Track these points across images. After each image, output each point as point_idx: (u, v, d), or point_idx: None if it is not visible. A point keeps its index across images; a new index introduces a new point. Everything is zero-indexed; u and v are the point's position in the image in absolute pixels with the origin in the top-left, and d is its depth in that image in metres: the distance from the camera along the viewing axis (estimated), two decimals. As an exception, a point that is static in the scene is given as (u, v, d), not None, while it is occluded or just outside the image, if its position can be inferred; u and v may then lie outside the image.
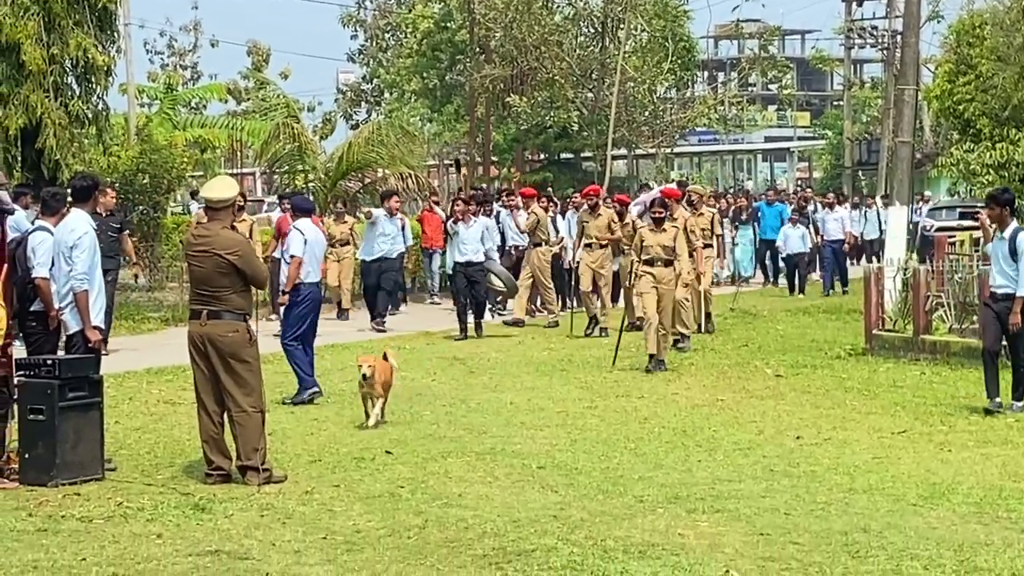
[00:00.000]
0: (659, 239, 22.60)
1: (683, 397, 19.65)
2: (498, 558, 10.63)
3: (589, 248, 28.29)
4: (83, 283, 14.69)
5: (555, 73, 55.59)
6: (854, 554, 10.72)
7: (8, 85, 29.19)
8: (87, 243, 14.80)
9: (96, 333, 14.82)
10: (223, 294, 14.09)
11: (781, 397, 19.75)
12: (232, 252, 14.10)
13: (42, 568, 10.42)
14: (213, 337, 14.08)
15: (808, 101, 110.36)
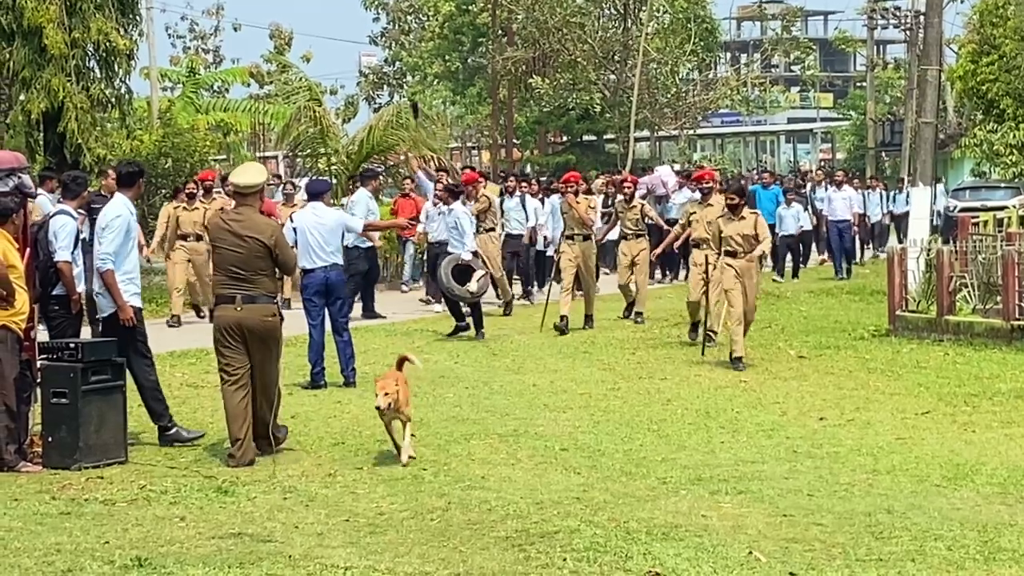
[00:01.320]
0: (738, 228, 20.80)
1: (706, 378, 19.63)
2: (521, 540, 10.63)
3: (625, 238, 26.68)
4: (106, 262, 14.81)
5: (577, 55, 55.65)
6: (877, 535, 10.70)
7: (30, 69, 29.22)
8: (118, 225, 14.92)
9: (129, 311, 14.91)
10: (257, 278, 14.26)
11: (804, 378, 19.72)
12: (269, 236, 14.30)
13: (65, 551, 10.43)
14: (250, 321, 14.23)
15: (831, 82, 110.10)
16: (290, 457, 14.08)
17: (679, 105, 58.58)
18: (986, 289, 23.75)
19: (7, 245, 13.80)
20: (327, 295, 19.02)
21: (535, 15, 55.96)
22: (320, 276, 18.85)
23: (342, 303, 19.43)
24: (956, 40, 55.25)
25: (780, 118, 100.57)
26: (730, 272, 20.69)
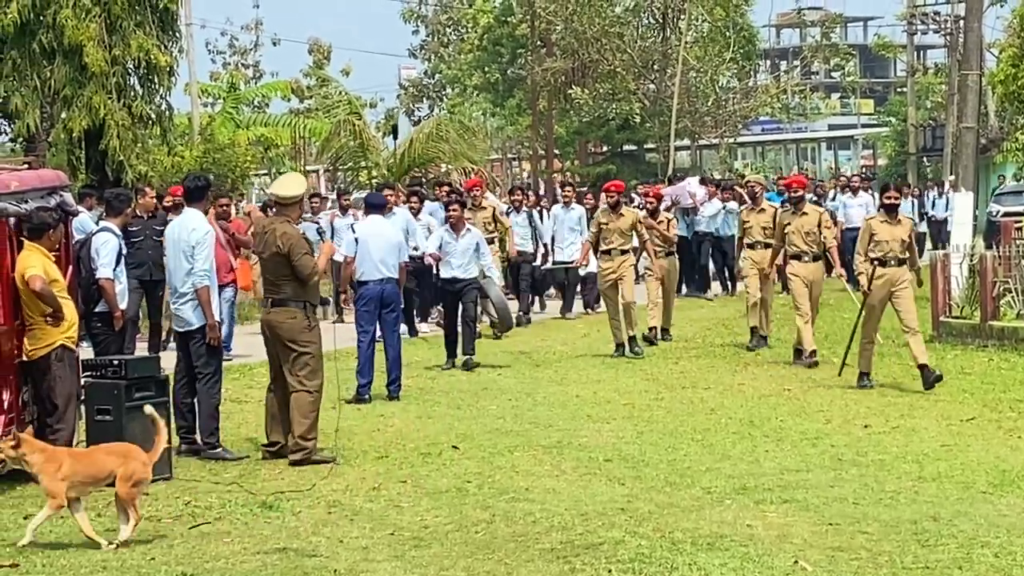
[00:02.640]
0: (895, 233, 19.18)
1: (749, 387, 19.61)
2: (566, 552, 10.63)
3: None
4: (204, 279, 15.00)
5: (616, 65, 55.60)
6: (924, 543, 10.67)
7: (71, 87, 29.37)
8: (209, 241, 15.18)
9: (217, 330, 15.15)
10: (283, 283, 14.88)
11: (848, 386, 19.67)
12: (283, 245, 14.71)
13: (111, 568, 10.48)
14: (274, 323, 14.92)
15: (871, 88, 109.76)
16: (334, 471, 14.09)
17: (719, 113, 58.46)
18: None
19: (46, 260, 13.85)
20: (381, 307, 19.15)
21: (574, 26, 55.92)
22: (376, 289, 19.07)
23: (396, 316, 19.64)
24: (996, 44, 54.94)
25: (821, 125, 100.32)
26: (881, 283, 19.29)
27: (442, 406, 18.40)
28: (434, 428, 16.62)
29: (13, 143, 34.81)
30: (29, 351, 13.84)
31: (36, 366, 13.87)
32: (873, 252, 19.08)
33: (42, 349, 13.80)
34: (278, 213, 15.28)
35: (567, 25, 56.33)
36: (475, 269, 22.09)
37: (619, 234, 22.99)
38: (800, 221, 21.60)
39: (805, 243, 21.54)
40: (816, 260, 21.58)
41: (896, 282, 19.18)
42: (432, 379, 21.03)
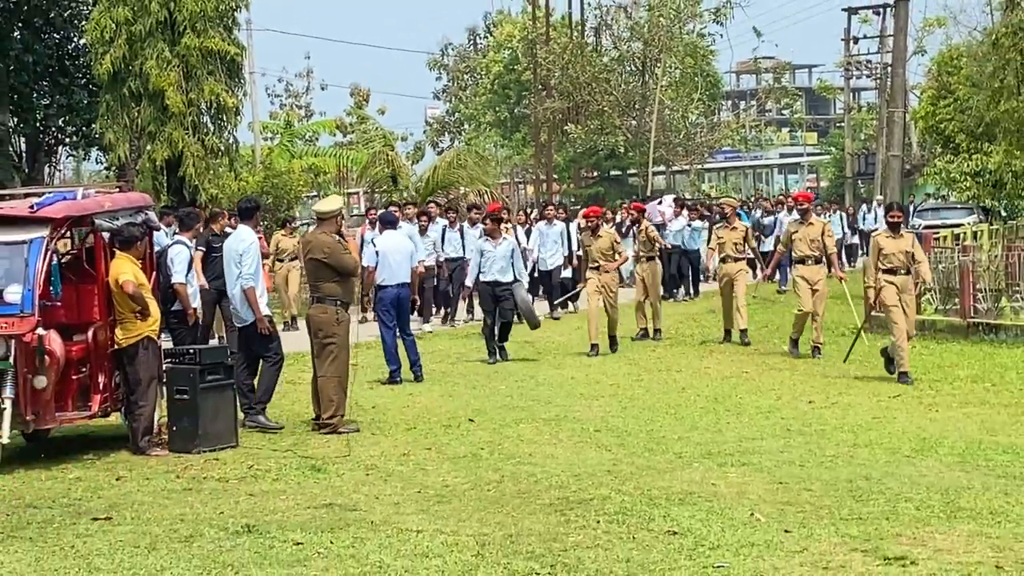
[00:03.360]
0: (899, 245, 18.30)
1: (714, 370, 19.59)
2: (562, 506, 10.62)
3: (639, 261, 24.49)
4: (249, 281, 15.08)
5: (604, 105, 55.70)
6: (857, 498, 10.65)
7: (155, 125, 29.49)
8: (253, 250, 15.24)
9: (265, 322, 15.18)
10: (322, 285, 15.07)
11: (795, 369, 19.67)
12: (323, 252, 14.97)
13: (188, 520, 10.48)
14: (312, 316, 15.17)
15: (815, 123, 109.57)
16: (371, 440, 14.11)
17: (689, 144, 58.50)
18: (946, 292, 23.69)
19: (135, 267, 13.95)
20: (398, 307, 19.16)
21: (569, 72, 56.03)
22: (393, 292, 19.12)
23: (407, 313, 19.62)
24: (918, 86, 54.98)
25: (773, 154, 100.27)
26: (891, 289, 18.21)
27: (460, 386, 18.40)
28: (454, 404, 16.62)
29: (107, 171, 34.99)
30: (120, 340, 13.90)
31: (126, 353, 13.93)
32: (882, 264, 18.30)
33: (131, 339, 13.86)
34: (319, 226, 15.37)
35: (563, 72, 56.44)
36: (512, 274, 21.21)
37: (600, 253, 22.06)
38: (806, 230, 21.05)
39: (810, 249, 20.92)
40: (818, 263, 20.96)
41: (904, 289, 18.32)
42: (452, 365, 21.02)
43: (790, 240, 21.45)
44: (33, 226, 13.32)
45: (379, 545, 9.50)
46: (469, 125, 78.15)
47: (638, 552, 9.13)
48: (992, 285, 23.22)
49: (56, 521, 10.64)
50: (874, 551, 8.98)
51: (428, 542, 9.54)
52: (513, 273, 21.26)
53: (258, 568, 8.97)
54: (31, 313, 12.88)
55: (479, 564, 8.93)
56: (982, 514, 10.03)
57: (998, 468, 11.92)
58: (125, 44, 29.52)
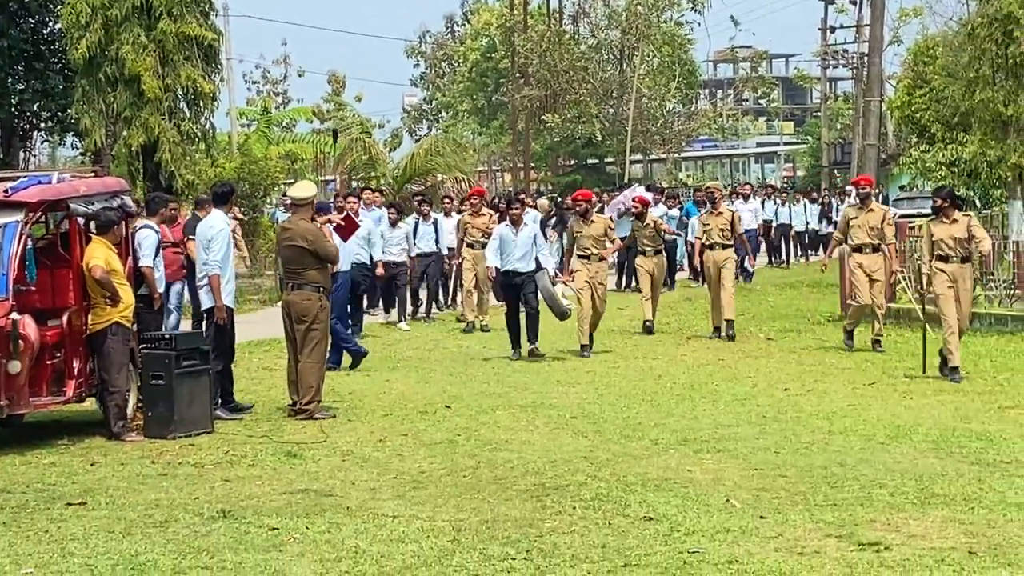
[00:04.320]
0: (951, 231, 17.04)
1: (690, 357, 19.61)
2: (538, 492, 10.63)
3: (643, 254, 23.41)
4: (214, 268, 14.97)
5: (582, 93, 55.75)
6: (832, 484, 10.69)
7: (131, 110, 29.33)
8: (221, 237, 15.08)
9: (223, 312, 15.01)
10: (302, 271, 14.95)
11: (771, 356, 19.71)
12: (307, 237, 14.88)
13: (163, 506, 10.47)
14: (293, 302, 14.98)
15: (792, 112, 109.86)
16: (347, 426, 14.11)
17: (666, 133, 58.62)
18: (920, 281, 23.69)
19: (109, 252, 13.94)
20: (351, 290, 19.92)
21: (547, 60, 56.07)
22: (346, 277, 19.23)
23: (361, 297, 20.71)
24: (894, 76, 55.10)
25: (750, 143, 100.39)
26: (942, 276, 17.04)
27: (437, 373, 18.39)
28: (430, 391, 16.62)
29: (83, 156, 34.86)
30: (90, 326, 13.90)
31: (95, 338, 13.93)
32: (935, 251, 17.10)
33: (100, 324, 13.86)
34: (295, 212, 15.29)
35: (541, 60, 56.45)
36: (533, 263, 19.55)
37: (592, 240, 20.26)
38: (865, 217, 19.85)
39: (869, 237, 19.77)
40: (876, 252, 19.80)
41: (957, 277, 17.07)
42: (429, 351, 21.01)
43: (847, 226, 20.24)
44: (7, 210, 13.32)
45: (355, 531, 9.50)
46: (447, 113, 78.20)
47: (614, 538, 9.14)
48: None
49: (30, 506, 10.62)
50: (848, 537, 9.02)
51: (404, 528, 9.55)
52: (536, 261, 19.65)
53: (233, 553, 8.96)
54: (5, 298, 12.89)
55: (455, 549, 8.94)
56: (955, 500, 10.06)
57: (971, 455, 11.96)
58: (101, 29, 29.40)
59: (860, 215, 19.88)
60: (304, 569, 8.54)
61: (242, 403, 15.32)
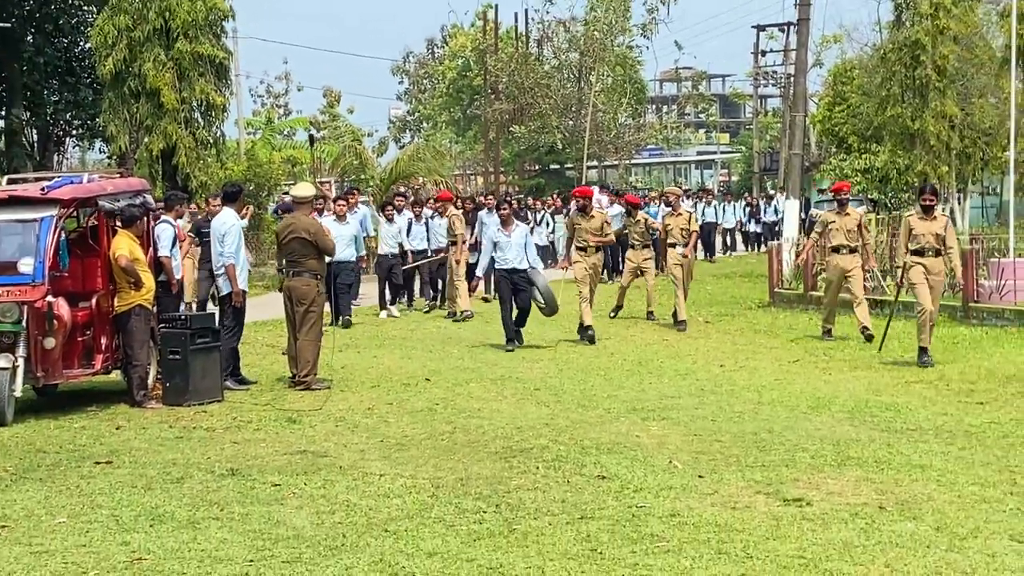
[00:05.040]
0: (930, 228, 16.34)
1: (639, 338, 19.64)
2: (506, 454, 10.64)
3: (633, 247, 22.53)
4: (230, 259, 14.97)
5: (545, 108, 55.66)
6: (761, 448, 10.72)
7: (152, 119, 29.32)
8: (234, 231, 15.10)
9: (240, 296, 15.03)
10: (303, 260, 14.90)
11: (709, 337, 19.76)
12: (309, 230, 14.86)
13: (179, 464, 10.44)
14: (294, 287, 14.91)
15: (727, 125, 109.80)
16: (340, 396, 14.08)
17: (618, 142, 58.51)
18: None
19: (132, 244, 13.93)
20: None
21: (515, 78, 55.97)
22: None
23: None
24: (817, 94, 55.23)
25: (691, 151, 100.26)
26: (919, 268, 16.29)
27: (418, 350, 18.38)
28: (412, 366, 16.60)
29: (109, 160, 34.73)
30: (116, 307, 13.89)
31: (120, 318, 13.92)
32: (912, 245, 16.34)
33: (125, 306, 13.86)
34: (297, 209, 15.22)
35: (510, 78, 56.35)
36: (526, 260, 18.60)
37: (590, 233, 19.66)
38: (843, 220, 19.06)
39: (846, 239, 19.00)
40: (853, 253, 19.02)
41: (932, 270, 16.34)
42: (411, 332, 21.00)
43: (825, 229, 19.51)
44: (44, 206, 13.29)
45: (347, 487, 9.49)
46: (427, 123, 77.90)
47: (572, 494, 9.16)
48: (879, 266, 23.39)
49: (63, 464, 10.59)
50: (775, 493, 9.05)
51: (389, 484, 9.54)
52: (527, 259, 18.70)
53: (240, 506, 8.95)
54: (42, 282, 12.86)
55: (434, 503, 8.94)
56: (868, 462, 10.11)
57: (882, 423, 12.02)
58: (126, 48, 29.33)
59: (838, 219, 19.12)
60: (303, 520, 8.53)
61: (247, 377, 15.29)
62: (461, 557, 7.58)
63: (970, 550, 7.61)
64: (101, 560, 7.68)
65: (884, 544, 7.74)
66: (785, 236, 28.02)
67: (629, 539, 7.92)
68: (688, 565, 7.35)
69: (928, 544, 7.73)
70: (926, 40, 31.86)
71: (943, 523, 8.21)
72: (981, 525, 8.16)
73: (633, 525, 8.26)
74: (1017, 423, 11.89)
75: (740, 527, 8.16)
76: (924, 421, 12.11)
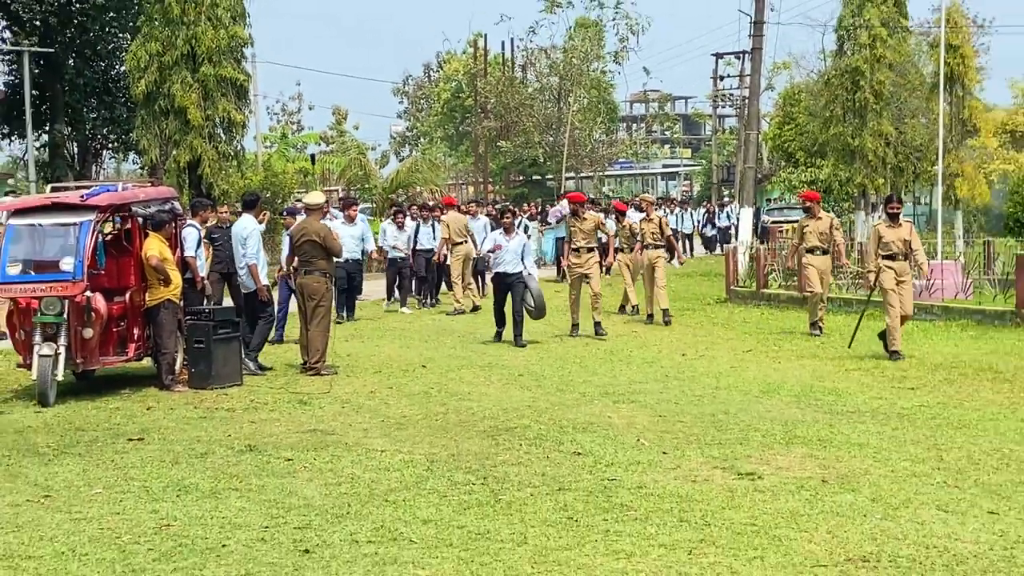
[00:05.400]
0: (898, 234, 15.76)
1: (610, 330, 19.57)
2: (493, 432, 10.63)
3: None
4: (253, 259, 15.15)
5: (528, 125, 55.60)
6: (719, 428, 10.73)
7: (179, 134, 29.25)
8: (255, 235, 15.28)
9: (265, 291, 15.24)
10: (314, 260, 14.84)
11: (672, 329, 19.74)
12: (319, 234, 14.82)
13: (203, 440, 10.42)
14: (306, 284, 14.85)
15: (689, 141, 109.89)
16: (346, 381, 14.06)
17: (593, 156, 58.55)
18: (787, 272, 23.86)
19: (162, 245, 13.90)
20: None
21: (502, 99, 55.96)
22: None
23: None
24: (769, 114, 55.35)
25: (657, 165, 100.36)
26: (890, 273, 15.67)
27: (415, 340, 18.35)
28: (410, 354, 16.58)
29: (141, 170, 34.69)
30: (147, 301, 13.85)
31: (150, 312, 13.87)
32: (882, 251, 15.73)
33: (155, 300, 13.82)
34: (309, 214, 15.15)
35: (497, 99, 56.32)
36: (521, 265, 17.89)
37: (584, 234, 19.08)
38: (815, 224, 18.56)
39: (819, 241, 18.51)
40: (826, 254, 18.60)
41: (902, 273, 15.74)
42: (409, 324, 20.96)
43: (803, 233, 18.84)
44: (83, 211, 13.24)
45: (352, 461, 9.48)
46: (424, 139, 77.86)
47: (551, 468, 9.15)
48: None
49: (99, 441, 10.56)
50: (731, 468, 9.06)
51: (389, 459, 9.53)
52: (523, 265, 17.97)
53: (257, 478, 8.93)
54: (81, 279, 12.82)
55: (429, 476, 8.93)
56: (812, 441, 10.13)
57: (825, 406, 12.04)
58: (156, 71, 29.28)
59: (811, 223, 18.63)
60: (312, 491, 8.52)
61: (265, 364, 15.26)
62: (453, 524, 7.58)
63: (902, 519, 7.62)
64: (133, 526, 7.67)
65: (827, 513, 7.76)
66: (740, 240, 28.02)
67: (602, 508, 7.92)
68: (654, 531, 7.36)
69: (865, 513, 7.74)
70: (865, 67, 31.98)
71: (878, 495, 8.22)
72: (912, 497, 8.18)
73: (605, 496, 8.26)
74: (943, 406, 11.92)
75: (699, 498, 8.17)
76: (862, 404, 12.13)
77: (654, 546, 7.06)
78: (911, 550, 6.94)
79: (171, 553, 7.06)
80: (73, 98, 39.47)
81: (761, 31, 31.41)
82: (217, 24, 29.28)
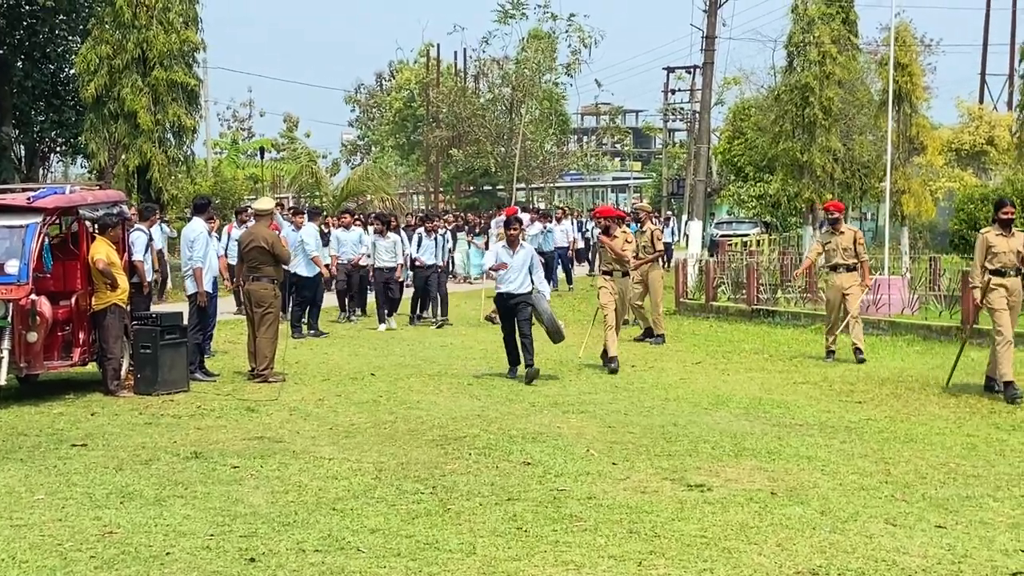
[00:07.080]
0: (1011, 245, 13.22)
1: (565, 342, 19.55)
2: (442, 442, 10.56)
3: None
4: (198, 263, 14.98)
5: (480, 135, 55.63)
6: (668, 439, 10.71)
7: (129, 139, 29.07)
8: (202, 239, 15.12)
9: (204, 297, 15.05)
10: (261, 267, 14.80)
11: (622, 341, 19.63)
12: (267, 241, 14.77)
13: (148, 447, 10.28)
14: (253, 291, 14.81)
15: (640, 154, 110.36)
16: (294, 388, 13.95)
17: (544, 167, 58.70)
18: (735, 285, 23.96)
19: (109, 248, 13.78)
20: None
21: (454, 109, 56.00)
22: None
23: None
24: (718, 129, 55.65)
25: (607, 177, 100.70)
26: (1000, 291, 13.19)
27: (364, 348, 18.26)
28: (359, 362, 16.49)
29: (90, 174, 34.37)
30: (94, 306, 13.70)
31: (97, 316, 13.74)
32: (991, 264, 13.24)
33: (102, 305, 13.69)
34: (257, 221, 15.12)
35: (449, 109, 56.38)
36: (529, 284, 15.24)
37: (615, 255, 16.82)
38: (838, 239, 16.68)
39: (842, 257, 16.65)
40: (851, 271, 16.64)
41: (1013, 292, 13.23)
42: (359, 331, 20.85)
43: (823, 249, 17.03)
44: (29, 214, 13.11)
45: (299, 469, 9.37)
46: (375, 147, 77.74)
47: (500, 478, 9.09)
48: (770, 280, 23.57)
49: (42, 446, 10.40)
50: (680, 479, 9.03)
51: (337, 467, 9.44)
52: (533, 282, 15.35)
53: (203, 485, 8.81)
54: (26, 282, 12.68)
55: (377, 485, 8.84)
56: (761, 453, 10.13)
57: (774, 419, 12.05)
58: (106, 75, 29.06)
59: (833, 239, 16.80)
60: (259, 499, 8.41)
61: (211, 370, 15.12)
62: (401, 534, 7.50)
63: (850, 531, 7.62)
64: (75, 533, 7.52)
65: (776, 525, 7.74)
66: (690, 252, 28.13)
67: (551, 519, 7.86)
68: (603, 542, 7.31)
69: (814, 526, 7.73)
70: (814, 84, 32.22)
71: (827, 507, 8.22)
72: (860, 510, 8.18)
73: (554, 506, 8.20)
74: (891, 420, 11.97)
75: (649, 509, 8.13)
76: (810, 417, 12.15)
77: (604, 557, 7.01)
78: (860, 563, 6.93)
79: (114, 561, 6.93)
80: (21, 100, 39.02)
81: (713, 46, 31.61)
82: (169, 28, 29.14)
